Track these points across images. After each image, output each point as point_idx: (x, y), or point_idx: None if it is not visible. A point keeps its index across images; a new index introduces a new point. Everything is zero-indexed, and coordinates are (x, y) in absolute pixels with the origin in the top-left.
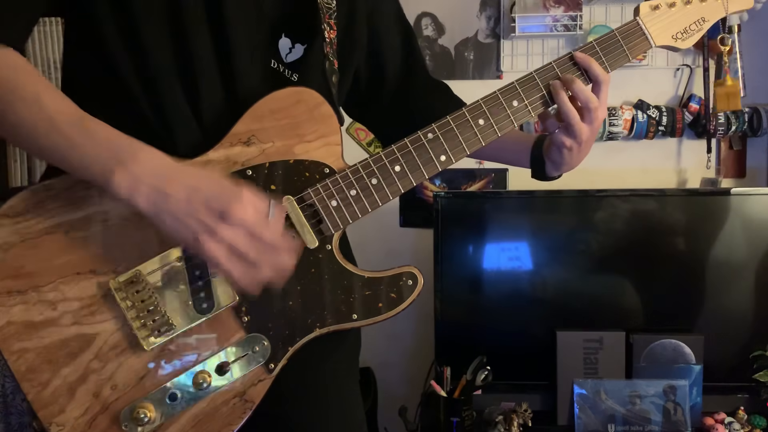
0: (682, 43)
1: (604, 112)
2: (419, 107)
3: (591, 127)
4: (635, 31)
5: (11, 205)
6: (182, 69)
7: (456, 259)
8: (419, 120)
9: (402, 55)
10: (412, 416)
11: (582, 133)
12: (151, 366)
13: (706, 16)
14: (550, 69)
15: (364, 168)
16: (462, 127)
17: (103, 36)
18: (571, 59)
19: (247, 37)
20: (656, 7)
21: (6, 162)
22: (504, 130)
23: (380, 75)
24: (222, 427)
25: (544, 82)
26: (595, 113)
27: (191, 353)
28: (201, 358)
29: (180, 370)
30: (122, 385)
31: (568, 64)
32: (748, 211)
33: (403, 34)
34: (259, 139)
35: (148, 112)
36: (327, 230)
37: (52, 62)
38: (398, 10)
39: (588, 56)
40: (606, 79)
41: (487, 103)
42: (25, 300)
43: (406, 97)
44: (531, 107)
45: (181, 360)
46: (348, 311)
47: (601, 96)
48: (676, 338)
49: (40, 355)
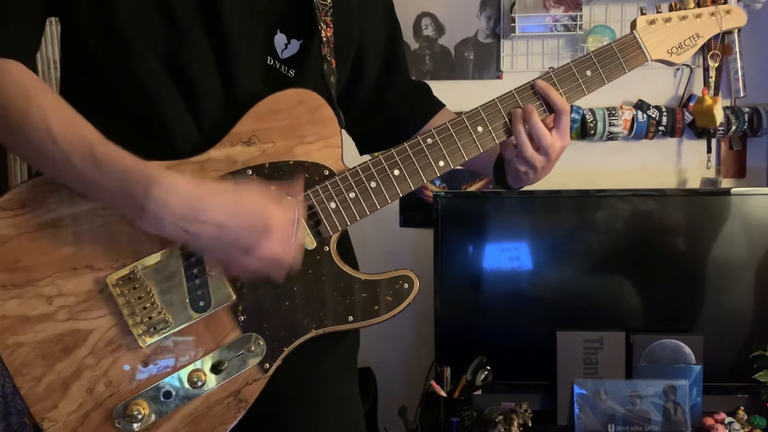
0: (677, 57)
1: (565, 142)
2: (397, 107)
3: (546, 158)
4: (632, 45)
5: (9, 198)
6: (178, 68)
7: (456, 259)
8: (397, 121)
9: (384, 50)
10: (412, 416)
11: (536, 163)
12: (146, 363)
13: (701, 32)
14: (511, 97)
15: (363, 171)
16: (461, 134)
17: (92, 37)
18: (532, 88)
19: (242, 34)
20: (653, 21)
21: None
22: (501, 138)
23: (358, 70)
24: (216, 426)
25: (506, 110)
26: (550, 148)
27: (186, 351)
28: (196, 356)
29: (175, 368)
30: (116, 381)
31: (529, 93)
32: (748, 211)
33: (389, 31)
34: (259, 139)
35: (144, 111)
36: (325, 232)
37: (52, 62)
38: (389, 5)
39: (548, 85)
40: (566, 108)
41: (469, 118)
42: (20, 294)
43: (383, 96)
44: (495, 134)
45: (176, 358)
46: (344, 313)
47: (561, 126)
48: (676, 338)
49: (35, 349)
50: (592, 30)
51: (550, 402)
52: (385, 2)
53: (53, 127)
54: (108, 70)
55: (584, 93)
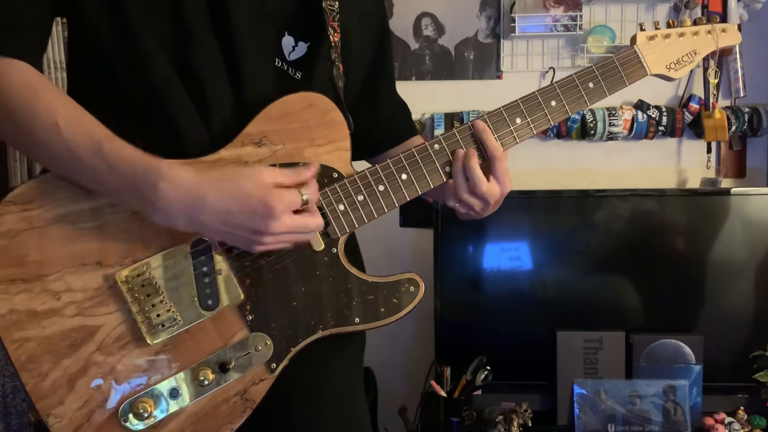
0: (675, 73)
1: (504, 189)
2: (380, 120)
3: (484, 204)
4: (633, 59)
5: (19, 192)
6: (187, 68)
7: (456, 259)
8: (376, 134)
9: (373, 56)
10: (412, 416)
11: (474, 207)
12: (154, 360)
13: (698, 49)
14: (452, 136)
15: (372, 174)
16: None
17: (103, 39)
18: (471, 129)
19: (251, 35)
20: (652, 37)
21: (6, 162)
22: (438, 181)
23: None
24: (222, 425)
25: (450, 148)
26: (486, 194)
27: (194, 349)
28: (203, 354)
29: (182, 366)
30: (123, 378)
31: (468, 133)
32: (748, 211)
33: (379, 41)
34: (270, 140)
35: (153, 112)
36: (333, 233)
37: (52, 62)
38: (382, 13)
39: (485, 128)
40: (499, 155)
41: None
42: (29, 288)
43: (368, 106)
44: (442, 173)
45: (183, 356)
46: (350, 314)
47: (497, 174)
48: (676, 338)
49: (42, 345)
50: (592, 30)
51: (550, 402)
52: (378, 10)
53: (61, 124)
54: (117, 71)
55: (587, 104)
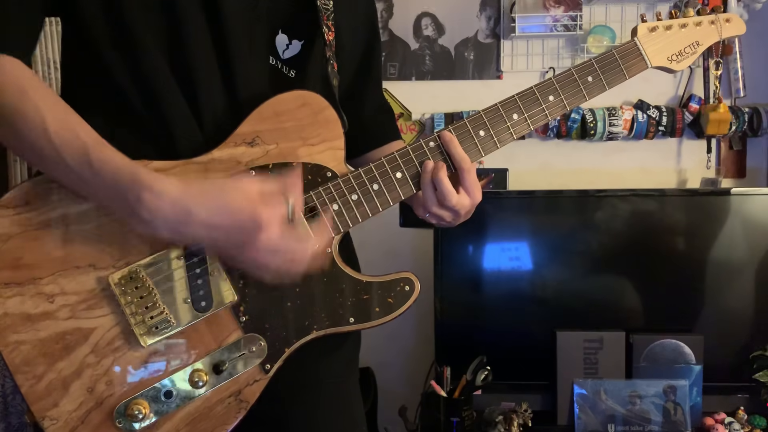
0: (677, 65)
1: (474, 199)
2: (363, 120)
3: (454, 215)
4: (633, 52)
5: (12, 196)
6: (180, 66)
7: (456, 259)
8: (359, 135)
9: (361, 56)
10: (412, 416)
11: (444, 218)
12: (148, 362)
13: (701, 40)
14: (419, 147)
15: (366, 173)
16: (463, 138)
17: (95, 37)
18: (438, 140)
19: (243, 32)
20: (653, 29)
21: (6, 162)
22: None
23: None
24: (217, 426)
25: (419, 159)
26: (456, 206)
27: (188, 351)
28: (198, 356)
29: (176, 368)
30: (117, 380)
31: (436, 144)
32: (748, 211)
33: (368, 41)
34: (263, 140)
35: (146, 112)
36: None
37: (52, 62)
38: (372, 13)
39: (453, 139)
40: (467, 166)
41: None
42: (22, 292)
43: (352, 106)
44: (412, 183)
45: (177, 357)
46: (345, 314)
47: (467, 185)
48: (676, 338)
49: (36, 347)
50: (592, 30)
51: (550, 402)
52: (368, 10)
53: (48, 125)
54: (110, 70)
55: (585, 99)
